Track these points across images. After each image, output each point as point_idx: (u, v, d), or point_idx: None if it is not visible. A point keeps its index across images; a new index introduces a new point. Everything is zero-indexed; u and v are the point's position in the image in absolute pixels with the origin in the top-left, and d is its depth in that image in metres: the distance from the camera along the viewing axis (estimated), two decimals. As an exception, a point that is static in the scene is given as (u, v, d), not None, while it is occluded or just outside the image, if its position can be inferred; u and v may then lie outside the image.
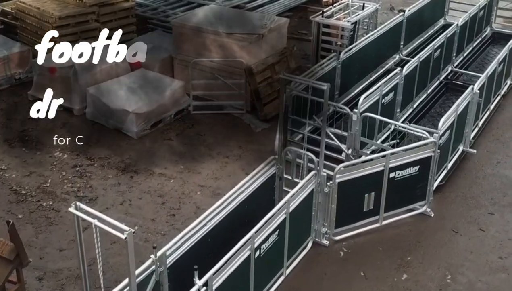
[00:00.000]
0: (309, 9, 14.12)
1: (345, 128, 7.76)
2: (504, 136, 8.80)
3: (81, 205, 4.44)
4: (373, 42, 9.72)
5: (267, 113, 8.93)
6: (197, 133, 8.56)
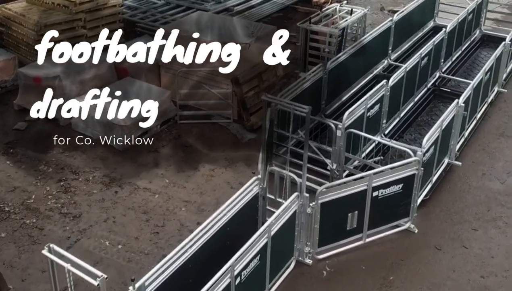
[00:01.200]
0: (299, 9, 14.02)
1: (330, 142, 7.70)
2: (490, 146, 8.76)
3: (55, 248, 4.37)
4: (361, 49, 9.63)
5: (254, 123, 8.86)
6: (183, 145, 8.48)
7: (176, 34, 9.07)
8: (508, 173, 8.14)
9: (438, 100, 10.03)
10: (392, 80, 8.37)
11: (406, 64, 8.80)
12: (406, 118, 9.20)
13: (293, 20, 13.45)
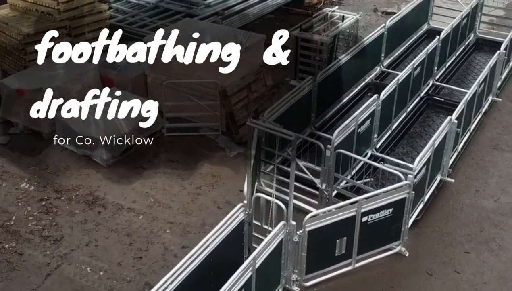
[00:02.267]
0: (291, 11, 13.70)
1: (320, 157, 7.42)
2: (484, 160, 8.52)
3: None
4: (352, 58, 9.35)
5: (243, 136, 8.59)
6: (169, 160, 8.21)
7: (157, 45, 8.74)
8: (502, 189, 7.91)
9: (431, 109, 9.77)
10: (383, 93, 8.10)
11: (398, 76, 8.52)
12: (398, 130, 8.93)
13: (285, 22, 13.14)
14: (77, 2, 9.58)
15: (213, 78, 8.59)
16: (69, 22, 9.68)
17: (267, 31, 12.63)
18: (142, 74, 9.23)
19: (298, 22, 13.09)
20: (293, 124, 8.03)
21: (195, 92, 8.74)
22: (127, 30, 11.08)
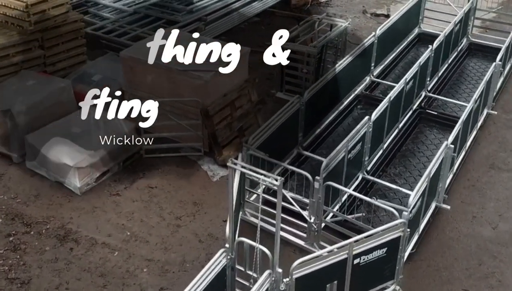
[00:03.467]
0: (277, 13, 13.08)
1: (307, 186, 6.88)
2: (481, 181, 8.01)
3: None
4: (341, 72, 8.77)
5: (226, 158, 8.01)
6: (148, 186, 7.63)
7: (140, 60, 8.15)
8: (500, 215, 7.41)
9: (424, 124, 9.24)
10: (375, 113, 7.54)
11: (390, 94, 7.95)
12: (390, 149, 8.40)
13: (271, 26, 12.52)
14: (49, 13, 8.89)
15: (194, 96, 8.00)
16: (41, 34, 9.00)
17: (252, 35, 12.12)
18: (120, 90, 8.59)
19: (284, 25, 12.52)
20: (279, 147, 7.53)
21: (176, 110, 8.14)
22: (104, 39, 10.46)
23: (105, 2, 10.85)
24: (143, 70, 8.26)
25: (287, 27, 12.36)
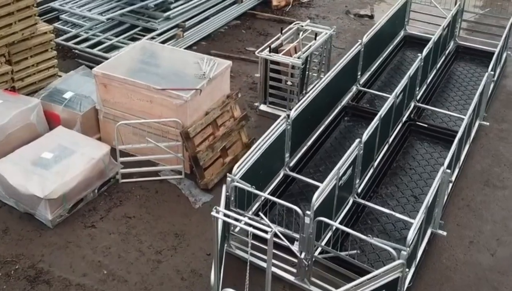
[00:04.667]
0: (258, 16, 12.45)
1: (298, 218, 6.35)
2: (475, 201, 7.56)
3: None
4: (327, 86, 8.20)
5: (208, 181, 7.46)
6: (125, 215, 7.03)
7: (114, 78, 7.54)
8: (498, 239, 6.98)
9: (414, 136, 8.76)
10: (366, 134, 7.01)
11: (380, 112, 7.42)
12: (381, 167, 7.90)
13: (252, 29, 11.94)
14: (16, 26, 8.18)
15: (174, 116, 7.41)
16: (7, 48, 8.30)
17: (233, 40, 11.50)
18: (93, 109, 7.97)
19: (265, 28, 11.97)
20: (265, 172, 6.99)
21: (154, 131, 7.53)
22: (76, 50, 9.77)
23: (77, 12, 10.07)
24: (118, 88, 7.64)
25: (268, 30, 11.93)
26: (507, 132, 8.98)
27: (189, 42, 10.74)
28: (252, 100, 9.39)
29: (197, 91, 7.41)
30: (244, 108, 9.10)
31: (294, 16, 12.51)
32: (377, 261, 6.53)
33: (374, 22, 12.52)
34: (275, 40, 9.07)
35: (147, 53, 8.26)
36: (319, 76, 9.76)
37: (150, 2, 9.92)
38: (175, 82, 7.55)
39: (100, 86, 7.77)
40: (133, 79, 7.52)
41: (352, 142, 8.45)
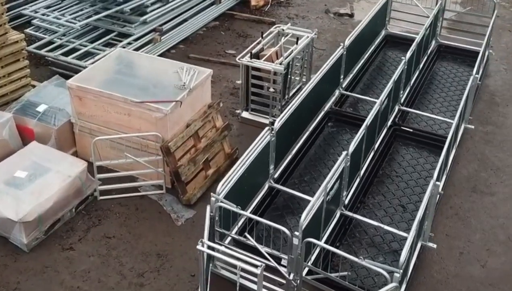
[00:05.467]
0: (236, 16, 12.08)
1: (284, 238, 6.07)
2: (463, 209, 7.36)
3: None
4: (310, 92, 7.90)
5: (191, 196, 7.13)
6: (105, 236, 6.67)
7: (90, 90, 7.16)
8: (488, 249, 6.78)
9: (399, 142, 8.52)
10: (352, 145, 6.72)
11: (366, 121, 7.13)
12: (367, 175, 7.64)
13: (231, 30, 11.58)
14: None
15: (153, 129, 7.05)
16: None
17: (211, 42, 11.13)
18: (68, 123, 7.56)
19: (245, 29, 11.63)
20: (249, 187, 6.69)
21: (133, 145, 7.17)
22: (49, 58, 9.32)
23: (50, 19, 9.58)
24: (94, 101, 7.25)
25: (247, 31, 11.58)
26: (492, 135, 8.79)
27: (166, 46, 10.35)
28: (233, 107, 9.06)
29: (178, 103, 7.05)
30: (225, 115, 8.78)
31: (273, 16, 12.18)
32: (367, 276, 6.29)
33: (354, 20, 12.28)
34: (256, 45, 8.73)
35: (124, 62, 7.87)
36: (302, 80, 9.47)
37: (126, 6, 9.47)
38: (154, 94, 7.19)
39: (74, 99, 7.37)
40: (110, 91, 7.13)
41: (337, 149, 8.33)
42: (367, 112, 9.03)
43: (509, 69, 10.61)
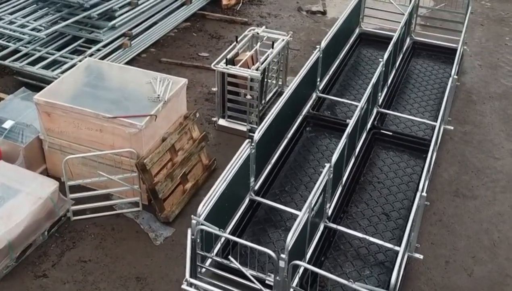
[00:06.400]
0: (208, 16, 11.67)
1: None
2: (447, 214, 7.18)
3: None
4: (288, 99, 7.58)
5: (169, 214, 6.77)
6: (80, 260, 6.28)
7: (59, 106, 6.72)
8: (473, 256, 6.60)
9: (379, 145, 8.28)
10: (335, 156, 6.44)
11: (347, 129, 6.85)
12: (349, 183, 7.38)
13: (203, 31, 11.17)
14: None
15: (127, 145, 6.66)
16: None
17: (183, 44, 10.73)
18: (36, 139, 7.11)
19: (217, 29, 11.26)
20: (230, 203, 6.36)
21: (106, 162, 6.77)
22: (13, 69, 8.80)
23: (13, 28, 9.02)
24: (63, 117, 6.81)
25: (219, 32, 11.19)
26: (471, 135, 8.62)
27: (137, 51, 9.91)
28: (209, 114, 8.69)
29: (152, 117, 6.67)
30: (201, 123, 8.42)
31: (245, 15, 11.80)
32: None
33: (327, 18, 12.00)
34: (231, 49, 8.36)
35: (93, 73, 7.42)
36: (278, 83, 9.16)
37: (93, 11, 8.99)
38: (127, 108, 6.79)
39: (43, 115, 6.92)
40: (80, 106, 6.71)
41: (316, 156, 8.06)
42: (345, 115, 8.82)
43: (484, 65, 10.46)
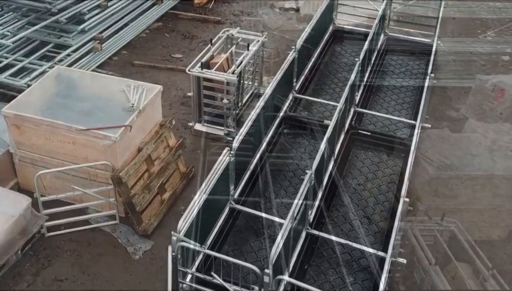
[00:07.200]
0: (180, 15, 11.35)
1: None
2: (428, 215, 7.06)
3: None
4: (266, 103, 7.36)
5: (147, 226, 6.52)
6: (56, 278, 5.99)
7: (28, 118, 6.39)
8: (456, 257, 6.50)
9: (358, 146, 8.12)
10: (315, 163, 6.25)
11: (326, 135, 6.64)
12: (329, 187, 7.21)
13: (176, 32, 10.85)
14: None
15: (102, 158, 6.36)
16: None
17: (156, 46, 10.43)
18: (7, 153, 6.77)
19: (190, 29, 10.97)
20: (210, 214, 6.14)
21: (81, 175, 6.47)
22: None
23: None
24: (34, 129, 6.48)
25: (192, 32, 10.90)
26: (448, 132, 8.53)
27: (108, 54, 9.56)
28: (185, 118, 8.43)
29: (127, 128, 6.38)
30: (177, 129, 8.15)
31: (218, 14, 11.51)
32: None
33: (300, 15, 11.78)
34: (206, 52, 8.08)
35: (64, 82, 7.09)
36: (254, 84, 8.93)
37: (61, 15, 8.61)
38: (100, 119, 6.49)
39: (12, 128, 6.58)
40: (50, 119, 6.39)
41: (295, 158, 7.86)
42: (322, 115, 8.64)
43: (457, 60, 10.39)
